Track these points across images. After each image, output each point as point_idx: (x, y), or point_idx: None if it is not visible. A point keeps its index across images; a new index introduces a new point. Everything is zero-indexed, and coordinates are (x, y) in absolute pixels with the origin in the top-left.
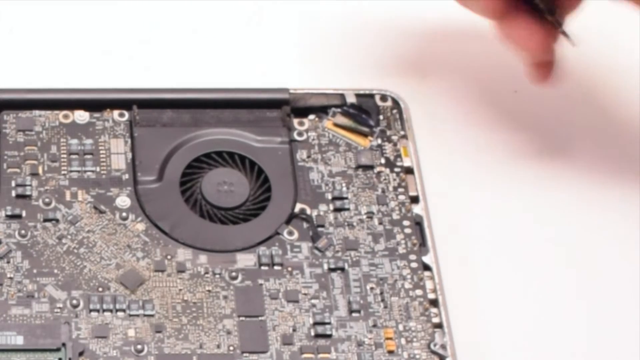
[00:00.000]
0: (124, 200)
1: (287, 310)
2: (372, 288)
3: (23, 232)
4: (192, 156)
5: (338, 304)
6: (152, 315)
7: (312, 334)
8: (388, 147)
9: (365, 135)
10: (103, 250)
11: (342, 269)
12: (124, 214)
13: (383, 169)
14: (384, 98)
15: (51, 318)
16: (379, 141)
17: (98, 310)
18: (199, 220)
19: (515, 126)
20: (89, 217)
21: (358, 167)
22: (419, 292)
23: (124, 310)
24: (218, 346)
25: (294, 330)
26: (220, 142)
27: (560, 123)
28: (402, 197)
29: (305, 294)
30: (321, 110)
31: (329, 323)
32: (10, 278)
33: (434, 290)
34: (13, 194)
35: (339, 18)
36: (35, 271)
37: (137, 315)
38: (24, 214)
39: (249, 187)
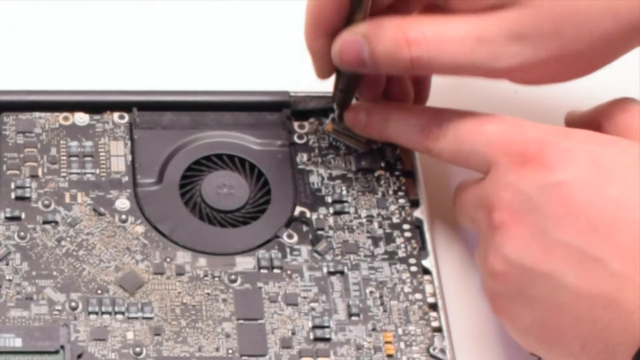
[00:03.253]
0: (123, 203)
1: (286, 313)
2: (371, 292)
3: (22, 234)
4: (192, 159)
5: (337, 307)
6: (151, 318)
7: (311, 337)
8: (388, 151)
9: (363, 142)
10: (102, 253)
11: (342, 273)
12: (124, 217)
13: (383, 172)
14: None
15: (50, 320)
16: (379, 144)
17: (97, 313)
18: (199, 223)
19: None
20: (88, 219)
21: (358, 170)
22: (418, 295)
23: (122, 313)
24: (217, 349)
25: (293, 333)
26: (220, 145)
27: (560, 123)
28: (402, 201)
29: (304, 297)
30: (321, 113)
31: (328, 326)
32: (9, 280)
33: (434, 294)
34: (12, 195)
35: None
36: (34, 273)
37: (136, 318)
38: (23, 216)
39: (248, 190)
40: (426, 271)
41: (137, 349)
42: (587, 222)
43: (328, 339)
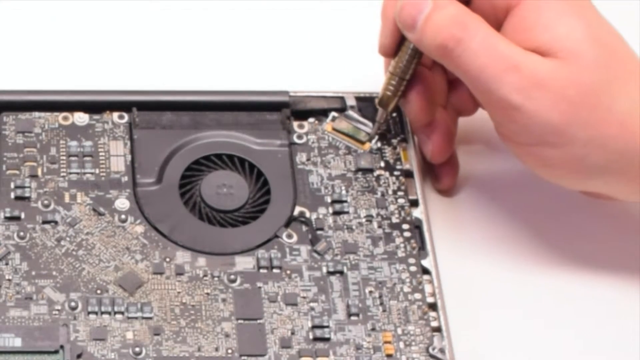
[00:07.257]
0: (123, 203)
1: (285, 313)
2: (371, 291)
3: (22, 234)
4: (192, 159)
5: (337, 307)
6: (150, 318)
7: (311, 337)
8: (388, 151)
9: (362, 142)
10: (102, 253)
11: (341, 272)
12: (123, 216)
13: (383, 172)
14: None
15: (49, 320)
16: (379, 144)
17: (96, 313)
18: (198, 222)
19: None
20: (87, 219)
21: (358, 170)
22: (417, 295)
23: (122, 313)
24: (216, 349)
25: (293, 333)
26: (219, 145)
27: None
28: (401, 201)
29: (304, 297)
30: (321, 113)
31: (327, 326)
32: (9, 280)
33: (433, 294)
34: (12, 195)
35: (339, 20)
36: (33, 273)
37: (136, 318)
38: (22, 215)
39: (248, 189)
40: (425, 271)
41: (137, 349)
42: None
43: (327, 339)
